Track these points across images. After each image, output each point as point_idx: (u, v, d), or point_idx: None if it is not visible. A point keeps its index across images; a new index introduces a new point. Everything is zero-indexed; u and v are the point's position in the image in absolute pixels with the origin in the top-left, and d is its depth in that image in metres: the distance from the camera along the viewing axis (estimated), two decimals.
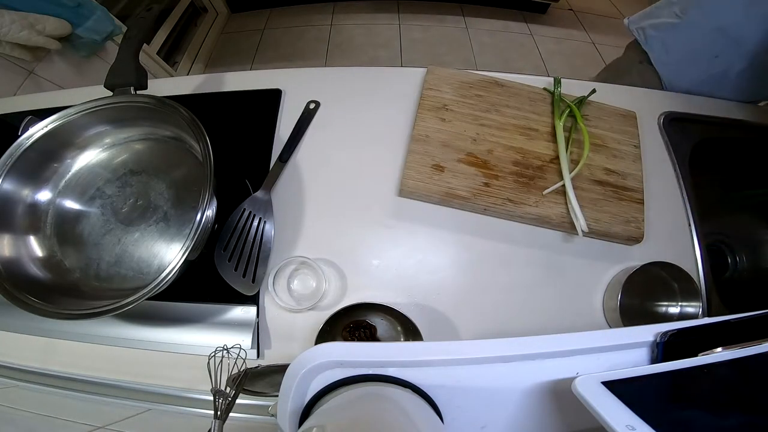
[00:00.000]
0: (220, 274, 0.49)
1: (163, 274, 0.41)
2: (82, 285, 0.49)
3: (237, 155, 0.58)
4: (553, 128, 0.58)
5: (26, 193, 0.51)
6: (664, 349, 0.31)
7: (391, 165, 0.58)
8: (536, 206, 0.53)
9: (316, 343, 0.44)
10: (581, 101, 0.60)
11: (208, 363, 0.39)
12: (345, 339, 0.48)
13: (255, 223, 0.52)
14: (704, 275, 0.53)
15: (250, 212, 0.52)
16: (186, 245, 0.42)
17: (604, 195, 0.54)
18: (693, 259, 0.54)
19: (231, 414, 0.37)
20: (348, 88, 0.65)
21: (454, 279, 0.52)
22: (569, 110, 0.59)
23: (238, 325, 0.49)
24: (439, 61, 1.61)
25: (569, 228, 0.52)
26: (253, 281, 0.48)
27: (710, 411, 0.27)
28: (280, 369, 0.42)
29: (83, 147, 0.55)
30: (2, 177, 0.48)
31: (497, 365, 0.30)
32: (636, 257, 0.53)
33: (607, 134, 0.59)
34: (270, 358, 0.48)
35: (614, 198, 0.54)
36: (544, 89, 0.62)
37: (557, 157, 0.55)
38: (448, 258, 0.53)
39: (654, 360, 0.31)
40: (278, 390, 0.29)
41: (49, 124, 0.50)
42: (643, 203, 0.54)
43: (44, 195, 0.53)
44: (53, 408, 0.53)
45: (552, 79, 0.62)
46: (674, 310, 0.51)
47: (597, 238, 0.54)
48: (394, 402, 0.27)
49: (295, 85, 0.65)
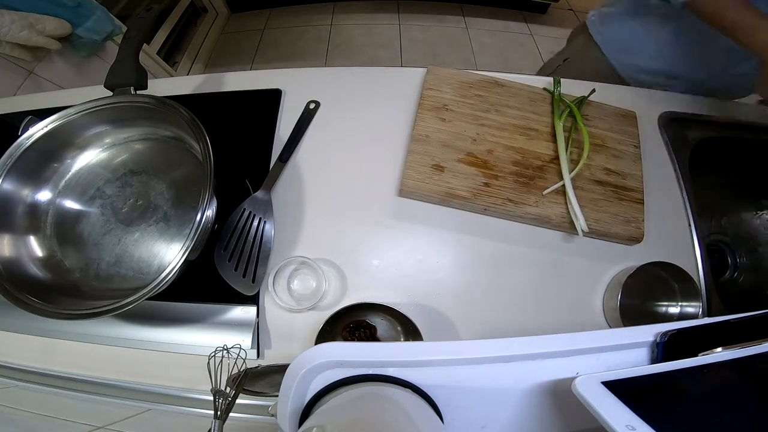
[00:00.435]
0: (220, 274, 0.49)
1: (163, 274, 0.41)
2: (82, 285, 0.49)
3: (237, 155, 0.58)
4: (553, 128, 0.58)
5: (26, 193, 0.51)
6: (664, 349, 0.31)
7: (391, 165, 0.58)
8: (536, 206, 0.53)
9: (316, 343, 0.44)
10: (581, 101, 0.60)
11: (208, 363, 0.39)
12: (345, 339, 0.48)
13: (255, 223, 0.52)
14: (704, 275, 0.53)
15: (250, 212, 0.52)
16: (186, 245, 0.42)
17: (604, 195, 0.54)
18: (693, 259, 0.54)
19: (231, 414, 0.37)
20: (348, 88, 0.65)
21: (454, 279, 0.52)
22: (569, 110, 0.59)
23: (238, 325, 0.49)
24: (439, 61, 1.61)
25: (569, 228, 0.52)
26: (253, 281, 0.48)
27: (710, 411, 0.27)
28: (280, 369, 0.43)
29: (83, 147, 0.55)
30: (2, 177, 0.48)
31: (497, 365, 0.30)
32: (636, 257, 0.53)
33: (607, 134, 0.59)
34: (270, 358, 0.48)
35: (614, 198, 0.54)
36: (544, 89, 0.62)
37: (557, 157, 0.55)
38: (448, 258, 0.53)
39: (654, 360, 0.31)
40: (278, 390, 0.29)
41: (49, 124, 0.50)
42: (643, 203, 0.54)
43: (44, 195, 0.53)
44: (53, 408, 0.53)
45: (552, 79, 0.62)
46: (674, 310, 0.51)
47: (597, 238, 0.54)
48: (394, 402, 0.27)
49: (295, 85, 0.65)
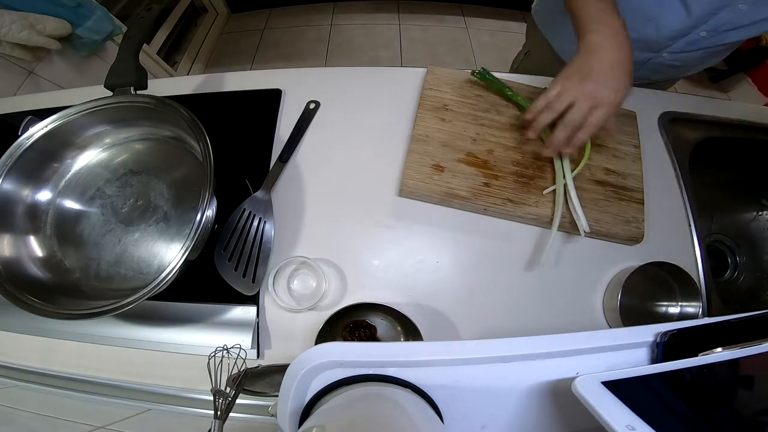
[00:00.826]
0: (220, 274, 0.49)
1: (163, 274, 0.41)
2: (82, 285, 0.49)
3: (237, 155, 0.58)
4: None
5: (26, 193, 0.51)
6: (664, 349, 0.31)
7: (391, 165, 0.58)
8: (536, 206, 0.53)
9: (316, 343, 0.44)
10: None
11: (208, 363, 0.39)
12: (345, 339, 0.48)
13: (255, 223, 0.52)
14: (704, 275, 0.53)
15: (250, 212, 0.52)
16: (186, 245, 0.42)
17: (605, 195, 0.54)
18: (693, 259, 0.54)
19: (231, 414, 0.37)
20: (348, 88, 0.65)
21: (454, 279, 0.52)
22: None
23: (238, 325, 0.49)
24: (439, 61, 1.62)
25: (569, 228, 0.52)
26: (253, 281, 0.48)
27: (710, 411, 0.27)
28: (280, 369, 0.43)
29: (83, 147, 0.55)
30: (2, 177, 0.48)
31: (497, 365, 0.30)
32: (636, 257, 0.53)
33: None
34: (270, 358, 0.48)
35: (614, 198, 0.54)
36: (545, 89, 0.62)
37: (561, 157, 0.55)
38: (448, 258, 0.53)
39: (654, 360, 0.31)
40: (278, 390, 0.29)
41: (49, 124, 0.50)
42: (643, 203, 0.54)
43: (44, 195, 0.53)
44: (53, 408, 0.53)
45: (552, 79, 0.62)
46: (674, 310, 0.51)
47: (597, 238, 0.54)
48: (394, 402, 0.27)
49: (295, 85, 0.65)
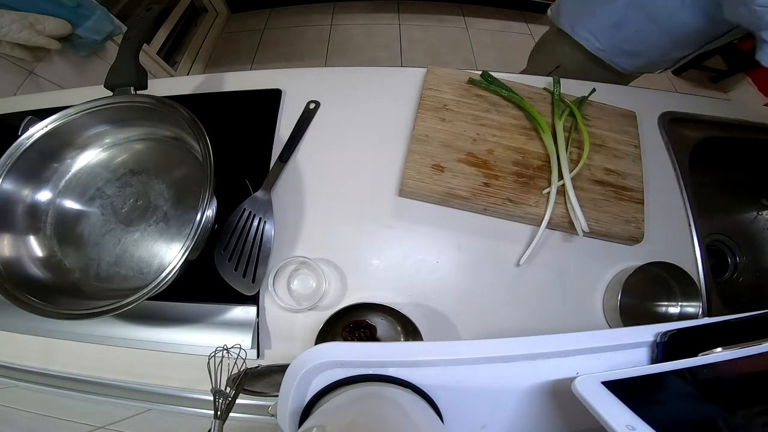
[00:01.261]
0: (220, 274, 0.49)
1: (163, 274, 0.41)
2: (82, 285, 0.49)
3: (237, 155, 0.58)
4: (554, 128, 0.58)
5: (26, 193, 0.51)
6: (664, 349, 0.31)
7: (391, 165, 0.58)
8: (536, 206, 0.53)
9: (316, 343, 0.44)
10: (581, 101, 0.60)
11: (208, 363, 0.39)
12: (345, 339, 0.48)
13: (255, 223, 0.51)
14: (704, 275, 0.53)
15: (250, 212, 0.52)
16: (186, 245, 0.42)
17: (605, 195, 0.54)
18: (693, 259, 0.54)
19: (231, 414, 0.37)
20: (348, 88, 0.65)
21: (454, 279, 0.52)
22: (569, 110, 0.59)
23: (238, 325, 0.49)
24: (439, 61, 1.62)
25: (569, 228, 0.52)
26: (253, 281, 0.48)
27: (710, 411, 0.27)
28: (280, 369, 0.43)
29: (83, 147, 0.55)
30: (2, 177, 0.48)
31: (497, 365, 0.30)
32: (636, 257, 0.53)
33: (607, 134, 0.59)
34: (270, 358, 0.48)
35: (614, 198, 0.54)
36: (544, 89, 0.62)
37: (558, 157, 0.55)
38: (448, 258, 0.53)
39: (654, 360, 0.31)
40: (278, 390, 0.29)
41: (49, 124, 0.50)
42: (643, 203, 0.54)
43: (44, 195, 0.53)
44: (53, 408, 0.53)
45: (552, 79, 0.62)
46: (674, 310, 0.51)
47: (597, 238, 0.54)
48: (394, 402, 0.27)
49: (295, 85, 0.65)
